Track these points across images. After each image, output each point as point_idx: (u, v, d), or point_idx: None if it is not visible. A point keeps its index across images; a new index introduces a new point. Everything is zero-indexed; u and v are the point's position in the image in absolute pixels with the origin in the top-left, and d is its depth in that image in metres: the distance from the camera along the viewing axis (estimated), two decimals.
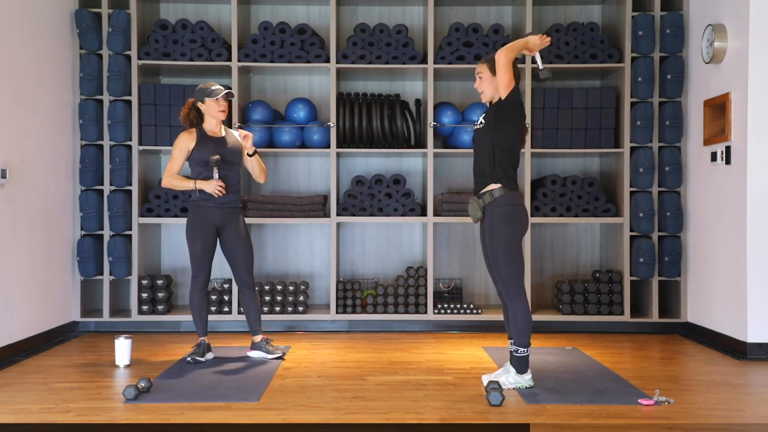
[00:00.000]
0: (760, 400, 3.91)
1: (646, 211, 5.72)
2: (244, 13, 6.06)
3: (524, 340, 3.95)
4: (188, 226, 4.66)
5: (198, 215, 4.64)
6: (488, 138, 3.98)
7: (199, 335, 4.71)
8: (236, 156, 4.71)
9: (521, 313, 3.94)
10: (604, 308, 5.81)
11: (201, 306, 4.70)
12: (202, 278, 4.66)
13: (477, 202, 4.02)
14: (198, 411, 3.61)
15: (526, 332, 3.95)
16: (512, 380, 3.97)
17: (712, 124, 5.34)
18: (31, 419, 3.53)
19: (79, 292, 5.75)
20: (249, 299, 4.79)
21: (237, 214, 4.72)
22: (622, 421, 3.47)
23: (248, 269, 4.75)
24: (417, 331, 5.83)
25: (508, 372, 4.00)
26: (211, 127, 4.68)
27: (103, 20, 5.72)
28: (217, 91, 4.59)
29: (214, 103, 4.60)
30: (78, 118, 5.74)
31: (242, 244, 4.71)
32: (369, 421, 3.48)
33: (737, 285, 4.97)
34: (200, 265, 4.64)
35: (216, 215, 4.64)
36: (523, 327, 3.94)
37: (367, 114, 5.84)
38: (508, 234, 3.93)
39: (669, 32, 5.71)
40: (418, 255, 6.27)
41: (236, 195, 4.71)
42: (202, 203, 4.63)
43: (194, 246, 4.63)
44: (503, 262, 3.94)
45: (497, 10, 6.30)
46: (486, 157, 3.99)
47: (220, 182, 4.56)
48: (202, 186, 4.57)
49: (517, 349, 3.95)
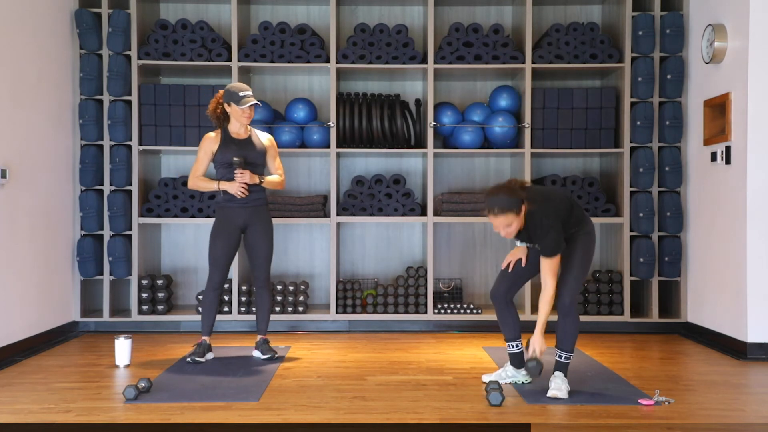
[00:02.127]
0: (760, 400, 3.91)
1: (646, 211, 5.72)
2: (244, 13, 6.06)
3: (573, 346, 3.94)
4: (213, 227, 4.75)
5: (222, 217, 4.71)
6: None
7: (202, 334, 4.72)
8: (260, 158, 4.74)
9: (577, 322, 3.95)
10: (604, 308, 5.81)
11: (210, 306, 4.71)
12: (217, 279, 4.70)
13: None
14: (198, 411, 3.61)
15: (575, 339, 3.95)
16: (565, 386, 3.87)
17: (712, 124, 5.34)
18: (31, 419, 3.53)
19: (79, 292, 5.75)
20: (259, 297, 4.83)
21: (262, 212, 4.76)
22: (622, 421, 3.47)
23: (264, 268, 4.78)
24: (417, 331, 5.83)
25: (556, 378, 3.89)
26: (236, 129, 4.72)
27: (103, 20, 5.72)
28: (245, 101, 4.61)
29: (242, 109, 4.64)
30: (78, 118, 5.74)
31: (263, 243, 4.75)
32: (369, 421, 3.48)
33: (737, 285, 4.97)
34: (216, 266, 4.69)
35: (240, 215, 4.69)
36: (575, 335, 3.94)
37: (367, 114, 5.84)
38: (590, 247, 3.96)
39: (669, 32, 5.71)
40: (418, 255, 6.27)
41: (260, 194, 4.75)
42: (226, 204, 4.69)
43: (214, 247, 4.69)
44: (576, 278, 3.92)
45: (497, 10, 6.30)
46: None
47: (243, 183, 4.60)
48: (225, 187, 4.63)
49: (570, 355, 3.93)
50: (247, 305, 5.79)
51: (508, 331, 4.14)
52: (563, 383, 3.86)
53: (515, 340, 4.15)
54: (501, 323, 4.16)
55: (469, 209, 5.83)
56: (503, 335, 4.18)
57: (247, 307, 5.79)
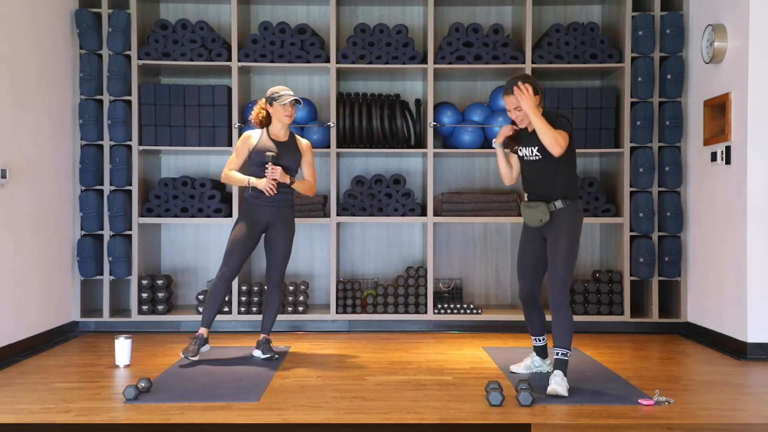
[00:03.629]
0: (760, 400, 3.91)
1: (646, 211, 5.72)
2: (244, 13, 6.06)
3: (569, 342, 3.98)
4: (236, 220, 4.81)
5: (247, 212, 4.75)
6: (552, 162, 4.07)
7: (201, 325, 4.71)
8: (295, 161, 4.78)
9: (570, 317, 4.00)
10: (604, 308, 5.81)
11: (216, 294, 4.69)
12: (226, 271, 4.69)
13: (545, 205, 4.05)
14: (198, 411, 3.61)
15: (571, 335, 4.00)
16: (565, 383, 3.90)
17: (712, 124, 5.34)
18: (31, 419, 3.53)
19: (79, 292, 5.75)
20: (270, 296, 4.84)
21: (286, 213, 4.79)
22: (622, 421, 3.47)
23: (280, 268, 4.79)
24: (417, 331, 5.83)
25: (556, 377, 3.90)
26: (276, 131, 4.77)
27: (103, 20, 5.72)
28: (285, 97, 4.68)
29: (281, 107, 4.68)
30: (78, 118, 5.74)
31: (282, 243, 4.77)
32: (369, 421, 3.48)
33: (737, 285, 4.97)
34: (229, 258, 4.70)
35: (264, 213, 4.72)
36: (570, 330, 3.99)
37: (367, 114, 5.84)
38: (574, 239, 4.05)
39: (669, 32, 5.71)
40: (418, 255, 6.27)
41: (287, 195, 4.78)
42: (253, 201, 4.73)
43: (232, 239, 4.72)
44: (564, 267, 4.00)
45: (497, 10, 6.30)
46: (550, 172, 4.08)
47: (273, 180, 4.62)
48: (255, 183, 4.67)
49: (567, 352, 3.95)
50: (247, 305, 5.79)
51: (534, 328, 4.36)
52: (563, 380, 3.88)
53: (541, 335, 4.36)
54: (528, 322, 4.35)
55: (469, 209, 5.83)
56: (529, 331, 4.38)
57: (247, 307, 5.79)
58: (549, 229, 4.09)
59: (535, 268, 4.23)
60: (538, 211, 4.06)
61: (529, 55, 5.80)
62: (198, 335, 4.68)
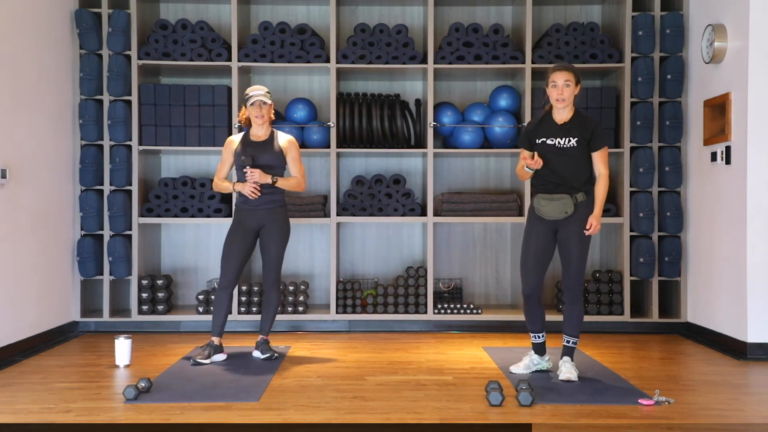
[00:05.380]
0: (760, 400, 3.91)
1: (646, 211, 5.72)
2: (244, 13, 6.06)
3: (579, 332, 4.31)
4: (229, 228, 4.81)
5: (237, 218, 4.78)
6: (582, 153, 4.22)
7: (211, 334, 4.73)
8: (276, 159, 4.74)
9: (582, 309, 4.30)
10: (604, 308, 5.81)
11: (219, 305, 4.72)
12: (226, 279, 4.71)
13: (569, 197, 4.16)
14: (198, 411, 3.61)
15: (580, 326, 4.32)
16: (575, 369, 4.21)
17: (712, 124, 5.34)
18: (31, 419, 3.53)
19: (79, 292, 5.75)
20: (266, 297, 4.85)
21: (277, 214, 4.77)
22: (622, 421, 3.47)
23: (272, 269, 4.78)
24: (417, 331, 5.83)
25: (566, 363, 4.22)
26: (255, 131, 4.77)
27: (103, 20, 5.72)
28: (252, 98, 4.67)
29: (251, 108, 4.68)
30: (78, 118, 5.74)
31: (272, 244, 4.75)
32: (369, 421, 3.48)
33: (737, 285, 4.97)
34: (225, 266, 4.71)
35: (253, 217, 4.72)
36: (582, 321, 4.30)
37: (367, 114, 5.84)
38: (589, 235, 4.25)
39: (669, 32, 5.71)
40: (418, 255, 6.27)
41: (275, 195, 4.74)
42: (242, 206, 4.74)
43: (225, 247, 4.74)
44: (582, 259, 4.21)
45: (497, 10, 6.30)
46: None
47: (255, 184, 4.62)
48: (239, 188, 4.67)
49: (576, 340, 4.29)
50: (248, 305, 5.79)
51: (535, 325, 4.39)
52: (572, 367, 4.19)
53: (540, 332, 4.40)
54: (529, 319, 4.38)
55: (469, 209, 5.83)
56: (529, 328, 4.41)
57: (247, 307, 5.79)
58: (567, 222, 4.16)
59: (539, 262, 4.27)
60: (561, 203, 4.14)
61: (529, 55, 5.80)
62: (209, 342, 4.70)
